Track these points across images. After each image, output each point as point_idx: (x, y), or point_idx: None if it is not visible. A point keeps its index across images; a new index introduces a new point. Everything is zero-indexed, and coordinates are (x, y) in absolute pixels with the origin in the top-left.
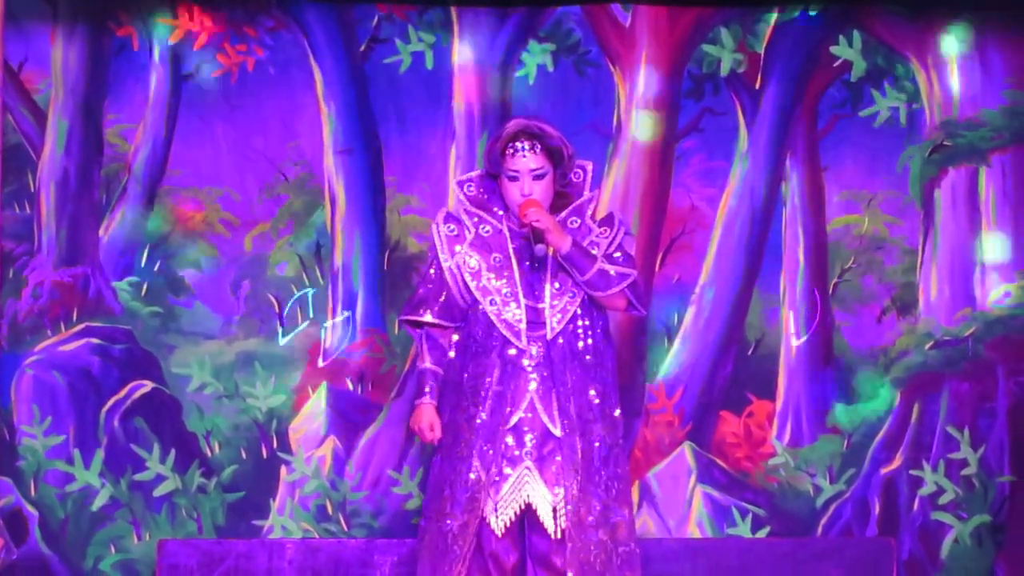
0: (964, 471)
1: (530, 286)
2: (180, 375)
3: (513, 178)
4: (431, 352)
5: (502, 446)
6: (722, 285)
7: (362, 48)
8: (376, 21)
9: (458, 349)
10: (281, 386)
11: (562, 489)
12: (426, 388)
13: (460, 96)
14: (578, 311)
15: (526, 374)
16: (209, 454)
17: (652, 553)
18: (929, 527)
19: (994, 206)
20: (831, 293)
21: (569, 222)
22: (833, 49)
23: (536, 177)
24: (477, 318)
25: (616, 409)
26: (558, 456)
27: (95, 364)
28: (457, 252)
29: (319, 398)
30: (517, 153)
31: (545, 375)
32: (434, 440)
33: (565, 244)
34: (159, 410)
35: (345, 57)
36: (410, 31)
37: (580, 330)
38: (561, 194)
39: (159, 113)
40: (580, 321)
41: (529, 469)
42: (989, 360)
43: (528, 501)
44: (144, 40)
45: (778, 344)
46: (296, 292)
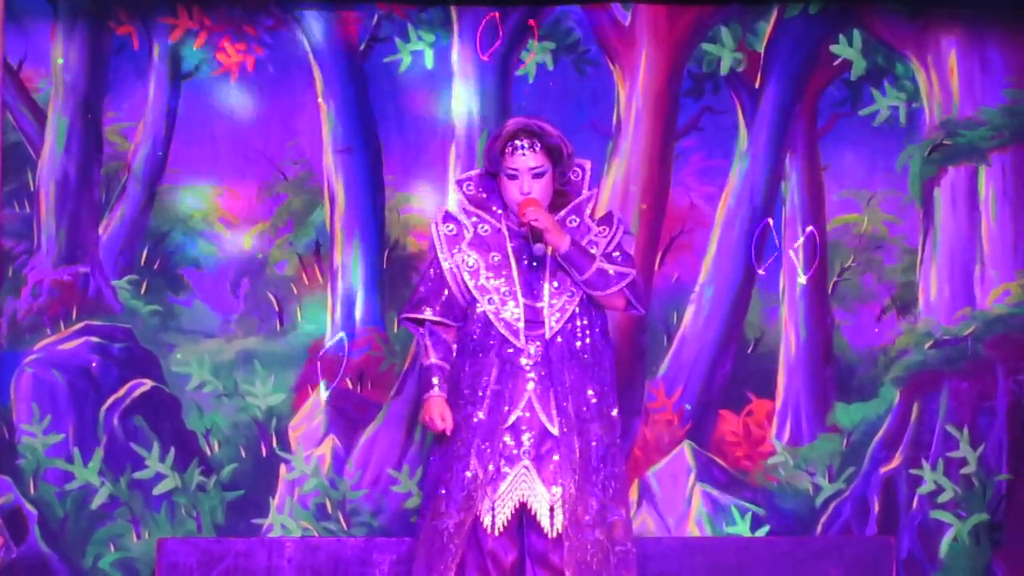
0: (963, 470)
1: (529, 285)
2: (179, 373)
3: (512, 176)
4: (436, 348)
5: (500, 445)
6: (721, 284)
7: (362, 47)
8: (376, 20)
9: (457, 348)
10: (280, 384)
11: (560, 488)
12: (434, 380)
13: (459, 95)
14: (577, 310)
15: (524, 373)
16: (208, 453)
17: (651, 552)
18: (928, 526)
19: (994, 205)
20: (830, 292)
21: (568, 221)
22: (833, 48)
23: (535, 175)
24: (476, 317)
25: (614, 409)
26: (556, 455)
27: (95, 362)
28: (456, 251)
29: (318, 397)
30: (516, 151)
31: (543, 374)
32: (447, 430)
33: (564, 243)
34: (158, 408)
35: (345, 56)
36: (410, 30)
37: (578, 329)
38: (560, 192)
39: (159, 112)
40: (579, 320)
41: (527, 468)
42: (988, 359)
43: (525, 500)
44: (144, 39)
45: (777, 343)
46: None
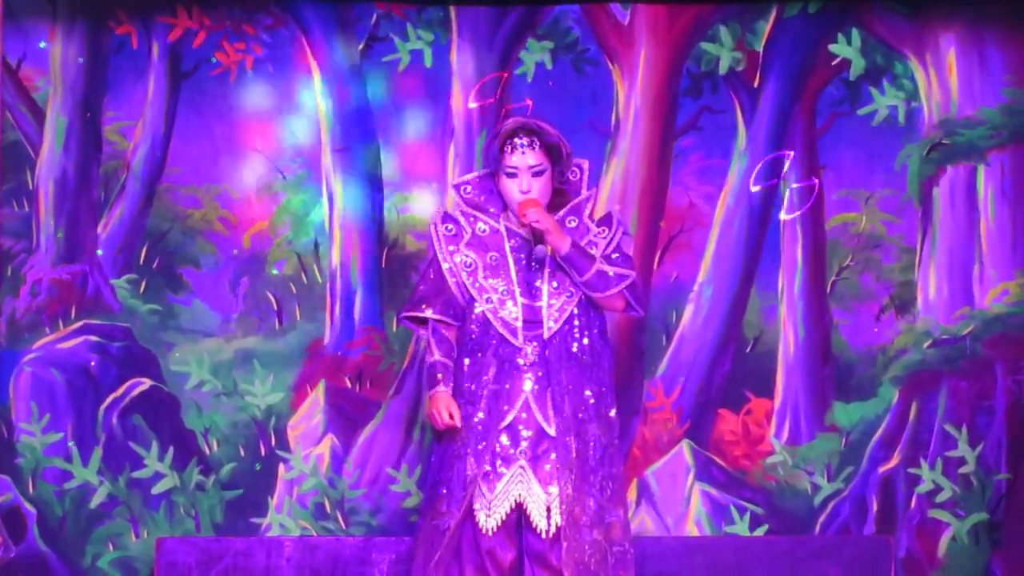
0: (962, 469)
1: (527, 285)
2: (178, 373)
3: (512, 175)
4: (439, 346)
5: (497, 445)
6: (720, 283)
7: (361, 46)
8: (375, 19)
9: (456, 348)
10: (279, 384)
11: (556, 488)
12: (439, 376)
13: (458, 94)
14: (575, 311)
15: (521, 373)
16: (207, 452)
17: (650, 551)
18: (927, 525)
19: (992, 204)
20: (829, 292)
21: (567, 221)
22: (832, 47)
23: (535, 174)
24: (474, 317)
25: (612, 409)
26: (553, 455)
27: (93, 362)
28: (455, 251)
29: (317, 396)
30: (516, 150)
31: (541, 374)
32: (453, 424)
33: (565, 245)
34: (157, 408)
35: (344, 55)
36: (409, 29)
37: (577, 330)
38: (559, 192)
39: (158, 111)
40: (577, 321)
41: (523, 468)
42: (987, 358)
43: (522, 500)
44: (143, 38)
45: (776, 342)
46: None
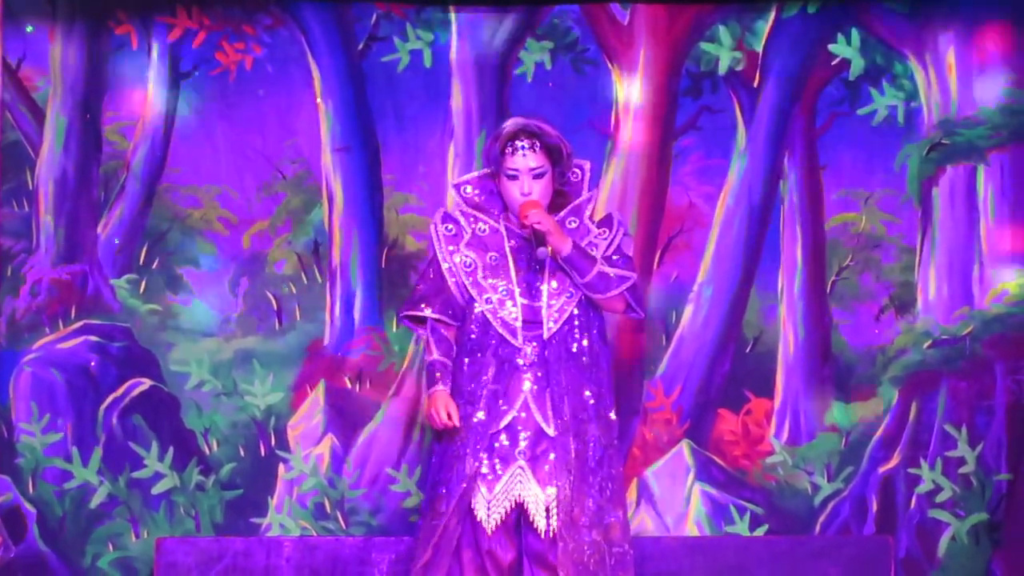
0: (962, 469)
1: (527, 285)
2: (178, 373)
3: (513, 176)
4: (439, 345)
5: (496, 444)
6: (720, 283)
7: (360, 46)
8: (374, 19)
9: (456, 348)
10: (279, 384)
11: (555, 488)
12: (437, 375)
13: (458, 94)
14: (575, 311)
15: (520, 373)
16: (207, 452)
17: (650, 551)
18: (927, 525)
19: (992, 204)
20: (829, 292)
21: (567, 222)
22: (831, 47)
23: (536, 176)
24: (474, 317)
25: (611, 410)
26: (552, 455)
27: (93, 361)
28: (454, 251)
29: (317, 396)
30: (517, 152)
31: (540, 375)
32: (451, 426)
33: (566, 246)
34: (157, 408)
35: (343, 55)
36: (408, 29)
37: (577, 330)
38: (559, 193)
39: (158, 111)
40: (577, 321)
41: (522, 468)
42: (987, 358)
43: (521, 500)
44: (143, 38)
45: (776, 342)
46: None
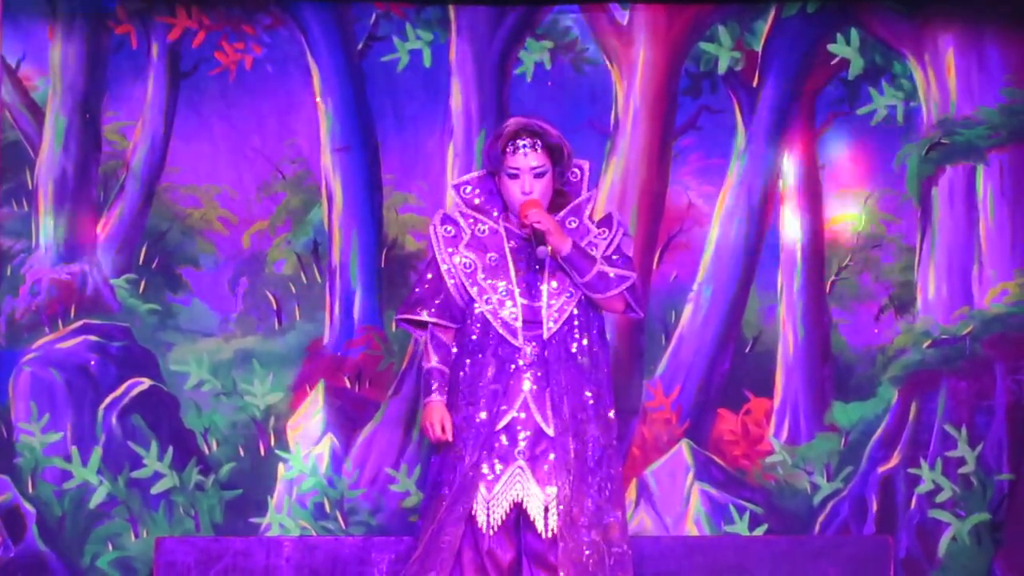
0: (962, 469)
1: (527, 285)
2: (178, 372)
3: (514, 176)
4: (437, 351)
5: (496, 444)
6: (719, 283)
7: (360, 46)
8: (374, 19)
9: (456, 350)
10: (279, 384)
11: (554, 488)
12: (433, 385)
13: (457, 94)
14: (575, 311)
15: (520, 373)
16: (207, 451)
17: (649, 551)
18: (927, 525)
19: (992, 204)
20: (828, 291)
21: (567, 222)
22: (831, 47)
23: (537, 175)
24: (474, 318)
25: (611, 410)
26: (551, 455)
27: (93, 361)
28: (453, 252)
29: (317, 396)
30: (518, 151)
31: (539, 375)
32: (445, 439)
33: (566, 246)
34: (157, 407)
35: (343, 55)
36: (408, 29)
37: (576, 330)
38: (559, 193)
39: (157, 111)
40: (577, 321)
41: (521, 468)
42: (987, 358)
43: (520, 500)
44: (142, 38)
45: (775, 342)
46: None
